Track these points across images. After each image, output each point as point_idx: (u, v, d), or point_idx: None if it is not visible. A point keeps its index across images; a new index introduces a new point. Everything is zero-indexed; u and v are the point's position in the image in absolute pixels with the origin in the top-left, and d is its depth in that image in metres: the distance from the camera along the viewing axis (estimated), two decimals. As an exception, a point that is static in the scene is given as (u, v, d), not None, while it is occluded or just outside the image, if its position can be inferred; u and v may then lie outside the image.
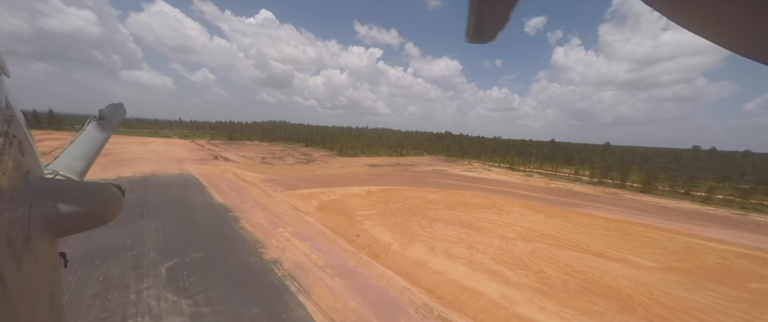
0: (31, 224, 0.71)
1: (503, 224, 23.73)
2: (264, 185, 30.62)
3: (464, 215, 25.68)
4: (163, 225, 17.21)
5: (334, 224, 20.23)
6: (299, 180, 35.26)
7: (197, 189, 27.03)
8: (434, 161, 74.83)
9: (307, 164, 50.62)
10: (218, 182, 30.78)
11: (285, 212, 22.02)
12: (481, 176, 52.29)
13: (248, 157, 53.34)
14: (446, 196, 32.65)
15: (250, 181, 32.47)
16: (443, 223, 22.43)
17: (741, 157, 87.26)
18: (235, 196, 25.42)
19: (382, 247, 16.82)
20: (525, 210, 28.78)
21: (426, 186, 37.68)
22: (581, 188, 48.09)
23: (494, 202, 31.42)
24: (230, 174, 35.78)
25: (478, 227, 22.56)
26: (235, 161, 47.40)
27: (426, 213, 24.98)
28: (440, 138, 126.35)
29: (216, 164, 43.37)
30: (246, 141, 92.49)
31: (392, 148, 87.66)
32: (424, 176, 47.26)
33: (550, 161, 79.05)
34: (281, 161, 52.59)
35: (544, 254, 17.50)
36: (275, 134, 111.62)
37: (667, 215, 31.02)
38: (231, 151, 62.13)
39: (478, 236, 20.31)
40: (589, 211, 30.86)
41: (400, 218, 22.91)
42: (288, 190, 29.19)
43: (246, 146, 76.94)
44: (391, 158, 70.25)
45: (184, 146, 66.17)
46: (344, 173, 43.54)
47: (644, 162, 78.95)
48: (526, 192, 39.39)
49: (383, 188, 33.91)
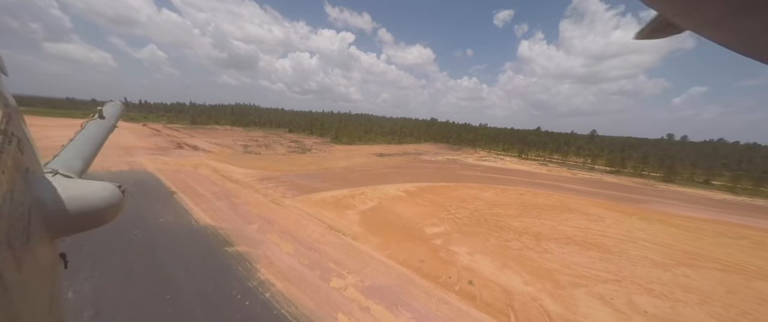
0: (31, 224, 0.70)
1: (615, 235, 17.65)
2: (263, 187, 21.40)
3: (553, 222, 19.22)
4: (97, 302, 8.15)
5: (413, 257, 12.43)
6: (307, 177, 26.28)
7: (162, 198, 17.24)
8: (438, 148, 68.46)
9: (304, 153, 41.03)
10: (193, 182, 20.88)
11: (321, 237, 13.63)
12: (503, 166, 46.83)
13: (225, 146, 42.17)
14: (502, 194, 26.05)
15: (239, 180, 22.91)
16: (552, 241, 15.66)
17: (714, 146, 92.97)
18: (226, 208, 16.21)
19: (534, 308, 9.48)
20: (609, 212, 23.10)
21: (462, 180, 30.81)
22: (610, 178, 44.71)
23: (560, 201, 25.49)
24: (207, 170, 25.63)
25: (592, 243, 16.17)
26: (208, 151, 36.40)
27: (509, 223, 18.05)
28: (430, 125, 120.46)
29: (183, 155, 32.33)
30: (214, 126, 78.10)
31: (387, 135, 79.63)
32: (446, 167, 40.36)
33: (544, 148, 77.02)
34: (270, 149, 42.27)
35: (749, 295, 11.56)
36: (248, 118, 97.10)
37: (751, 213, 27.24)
38: (199, 138, 49.78)
39: (622, 263, 13.91)
40: (665, 209, 26.20)
41: (485, 234, 15.70)
42: (302, 194, 20.38)
43: (216, 132, 63.82)
44: (394, 146, 62.45)
45: (133, 131, 51.97)
46: (356, 165, 35.05)
47: (634, 150, 79.93)
48: (567, 185, 34.39)
49: (420, 186, 26.35)
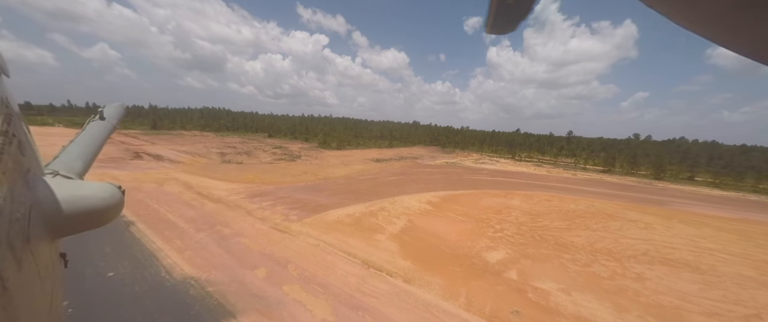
0: (31, 225, 0.69)
1: (684, 247, 15.13)
2: (256, 206, 16.57)
3: (608, 233, 16.46)
4: None
5: (501, 307, 8.71)
6: (308, 190, 21.64)
7: (113, 233, 11.90)
8: (431, 151, 65.80)
9: (294, 161, 35.85)
10: (158, 205, 15.52)
11: (361, 283, 9.45)
12: (504, 169, 44.93)
13: (197, 154, 35.73)
14: (530, 202, 23.23)
15: (222, 198, 17.81)
16: (633, 261, 12.73)
17: (677, 144, 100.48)
18: (212, 243, 11.37)
19: None
20: (645, 216, 20.95)
21: (477, 187, 27.81)
22: (609, 178, 44.50)
23: (592, 206, 23.18)
24: (176, 186, 20.06)
25: (672, 259, 13.52)
26: (176, 161, 30.11)
27: (569, 239, 15.01)
28: (414, 128, 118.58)
29: (142, 168, 26.04)
30: (180, 131, 69.02)
31: (376, 139, 75.67)
32: (451, 172, 37.38)
33: (529, 149, 78.00)
34: (252, 157, 36.51)
35: None
36: (219, 122, 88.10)
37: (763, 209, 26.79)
38: (163, 146, 42.36)
39: (729, 286, 11.10)
40: (691, 209, 24.79)
41: (555, 257, 12.41)
42: (310, 213, 15.87)
43: (183, 138, 55.79)
44: (387, 151, 58.58)
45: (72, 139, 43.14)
46: (357, 173, 30.76)
47: (606, 150, 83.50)
48: (577, 187, 32.72)
49: (441, 196, 22.81)
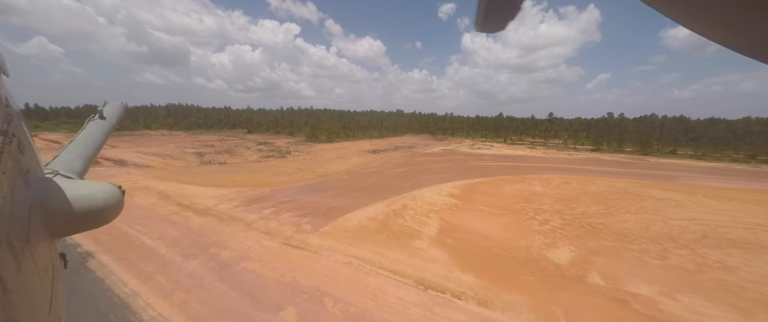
0: (31, 224, 0.69)
1: (730, 225, 13.99)
2: (256, 216, 13.49)
3: (653, 216, 15.03)
4: None
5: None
6: (311, 190, 18.67)
7: (65, 272, 8.38)
8: (423, 140, 63.86)
9: (284, 157, 32.17)
10: (126, 225, 12.03)
11: (428, 315, 6.99)
12: (502, 153, 43.92)
13: (170, 156, 31.03)
14: (550, 186, 21.77)
15: (211, 208, 14.49)
16: (702, 247, 11.31)
17: (650, 120, 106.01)
18: (209, 276, 8.40)
19: None
20: (669, 193, 19.92)
21: (489, 173, 26.12)
22: (604, 156, 44.92)
23: (613, 186, 21.89)
24: (148, 197, 16.31)
25: (733, 239, 12.35)
26: (144, 166, 25.64)
27: (620, 226, 13.43)
28: (400, 117, 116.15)
29: (102, 177, 21.63)
30: (145, 131, 61.55)
31: (365, 129, 72.30)
32: (454, 159, 35.57)
33: (515, 133, 78.78)
34: (236, 156, 32.35)
35: None
36: (190, 120, 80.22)
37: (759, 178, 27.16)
38: (126, 148, 36.74)
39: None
40: (705, 183, 24.50)
41: (623, 250, 10.62)
42: (325, 220, 13.10)
43: (150, 139, 49.43)
44: (379, 141, 55.72)
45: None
46: (358, 167, 27.92)
47: (586, 129, 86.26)
48: (582, 166, 32.04)
49: (459, 186, 20.74)
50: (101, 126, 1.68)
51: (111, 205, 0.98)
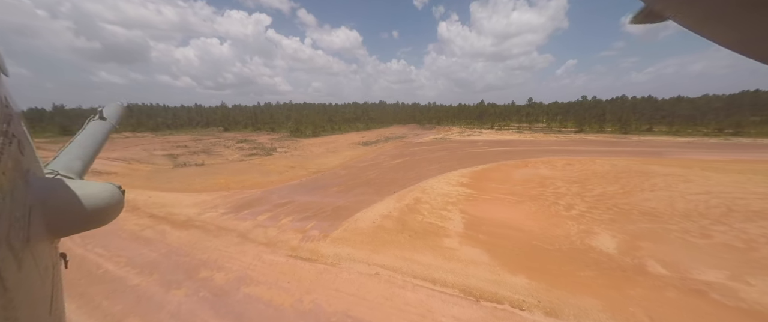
0: (31, 225, 0.69)
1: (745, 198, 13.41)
2: (251, 224, 11.43)
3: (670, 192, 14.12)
4: None
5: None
6: (308, 189, 16.67)
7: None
8: (411, 130, 62.52)
9: (270, 154, 29.46)
10: (85, 248, 9.57)
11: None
12: (493, 139, 43.65)
13: (137, 160, 27.40)
14: (555, 169, 21.19)
15: (193, 219, 12.20)
16: (740, 221, 10.73)
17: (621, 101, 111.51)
18: (204, 310, 6.43)
19: None
20: (671, 169, 19.74)
21: (490, 159, 25.27)
22: (590, 136, 45.94)
23: (615, 166, 21.74)
24: (114, 208, 13.49)
25: (761, 212, 11.96)
26: (107, 173, 22.22)
27: (646, 206, 12.66)
28: (383, 108, 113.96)
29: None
30: (105, 136, 55.36)
31: (350, 121, 69.62)
32: (448, 147, 34.57)
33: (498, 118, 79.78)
34: (215, 156, 29.17)
35: None
36: (156, 120, 73.29)
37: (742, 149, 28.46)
38: (82, 155, 32.17)
39: None
40: (699, 156, 25.10)
41: (665, 234, 9.78)
42: (333, 223, 11.31)
43: (112, 142, 44.05)
44: (368, 133, 53.62)
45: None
46: (352, 160, 26.00)
47: (565, 113, 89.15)
48: (573, 147, 32.21)
49: (466, 174, 19.58)
50: (101, 127, 1.65)
51: (111, 205, 0.97)
